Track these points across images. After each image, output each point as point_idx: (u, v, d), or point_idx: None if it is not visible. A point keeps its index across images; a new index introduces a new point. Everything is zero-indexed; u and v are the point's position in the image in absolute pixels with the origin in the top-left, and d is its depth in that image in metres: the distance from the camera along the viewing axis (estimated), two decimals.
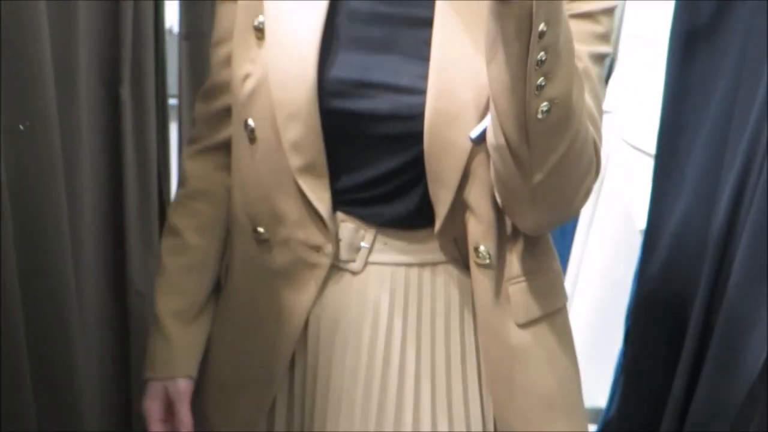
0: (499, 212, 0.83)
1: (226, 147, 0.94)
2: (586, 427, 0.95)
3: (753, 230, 0.90)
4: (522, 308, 0.87)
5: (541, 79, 0.67)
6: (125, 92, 1.18)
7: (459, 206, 0.82)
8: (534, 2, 0.63)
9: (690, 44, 1.07)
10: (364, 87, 0.82)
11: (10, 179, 0.93)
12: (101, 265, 1.20)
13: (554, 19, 0.65)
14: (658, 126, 1.19)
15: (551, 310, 0.89)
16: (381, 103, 0.81)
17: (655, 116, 1.25)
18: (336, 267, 0.88)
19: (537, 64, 0.67)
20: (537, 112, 0.69)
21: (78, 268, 1.09)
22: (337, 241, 0.87)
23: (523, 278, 0.87)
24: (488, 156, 0.78)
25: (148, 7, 1.23)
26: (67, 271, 1.04)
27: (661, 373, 1.25)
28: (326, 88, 0.82)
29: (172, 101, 1.37)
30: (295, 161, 0.84)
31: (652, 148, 1.28)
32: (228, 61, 0.90)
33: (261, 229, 0.91)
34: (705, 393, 1.08)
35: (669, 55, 1.13)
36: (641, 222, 1.42)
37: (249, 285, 0.94)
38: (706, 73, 1.06)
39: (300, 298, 0.90)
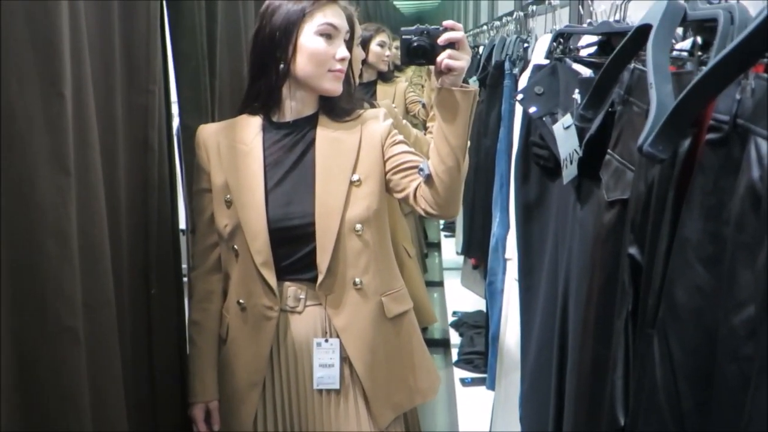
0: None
1: (214, 266, 1.80)
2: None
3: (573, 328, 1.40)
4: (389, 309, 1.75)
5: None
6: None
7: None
8: (473, 90, 1.53)
9: (527, 213, 1.63)
10: (286, 216, 1.67)
11: None
12: None
13: None
14: (518, 267, 1.73)
15: (404, 311, 1.82)
16: (294, 221, 1.67)
17: None
18: (287, 312, 1.65)
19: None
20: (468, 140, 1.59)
21: None
22: (285, 299, 1.64)
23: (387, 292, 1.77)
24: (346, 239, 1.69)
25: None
26: None
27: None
28: (270, 220, 1.66)
29: None
30: (257, 259, 1.66)
31: None
32: (202, 214, 1.78)
33: (242, 300, 1.71)
34: None
35: (515, 221, 1.69)
36: None
37: (238, 334, 1.73)
38: (539, 231, 1.60)
39: (266, 334, 1.70)
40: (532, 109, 1.52)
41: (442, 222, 6.08)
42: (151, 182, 1.74)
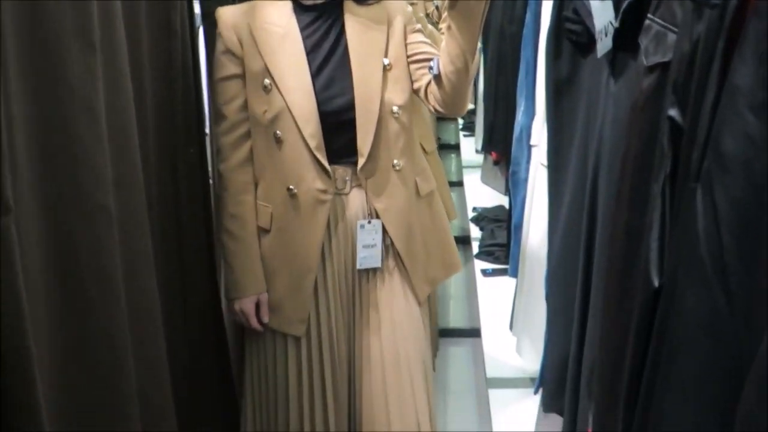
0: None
1: (248, 156, 1.72)
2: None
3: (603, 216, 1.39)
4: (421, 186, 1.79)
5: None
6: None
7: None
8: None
9: (558, 90, 1.60)
10: (330, 99, 1.66)
11: None
12: None
13: None
14: (547, 147, 1.72)
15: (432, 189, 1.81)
16: (337, 106, 1.67)
17: None
18: (336, 195, 1.64)
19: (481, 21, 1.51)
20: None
21: None
22: (334, 182, 1.62)
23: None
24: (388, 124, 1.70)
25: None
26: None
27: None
28: (319, 103, 1.65)
29: None
30: (312, 143, 1.62)
31: None
32: (232, 102, 1.71)
33: (291, 186, 1.66)
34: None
35: (546, 99, 1.67)
36: None
37: (286, 223, 1.70)
38: (570, 109, 1.58)
39: (320, 217, 1.68)
40: None
41: (460, 122, 6.03)
42: (175, 67, 1.71)
